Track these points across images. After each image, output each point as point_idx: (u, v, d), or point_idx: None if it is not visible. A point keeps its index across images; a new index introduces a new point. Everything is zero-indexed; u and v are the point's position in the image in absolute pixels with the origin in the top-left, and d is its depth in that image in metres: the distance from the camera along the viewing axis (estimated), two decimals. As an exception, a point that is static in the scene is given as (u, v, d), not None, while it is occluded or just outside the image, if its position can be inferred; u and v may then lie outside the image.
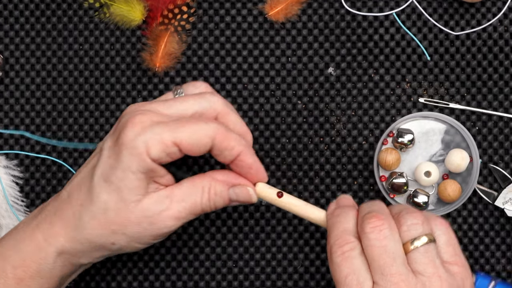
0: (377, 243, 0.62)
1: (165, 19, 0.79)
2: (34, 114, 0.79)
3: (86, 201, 0.67)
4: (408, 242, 0.63)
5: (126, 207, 0.66)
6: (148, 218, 0.66)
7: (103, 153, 0.67)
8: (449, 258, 0.65)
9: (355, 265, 0.62)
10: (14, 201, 0.79)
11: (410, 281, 0.61)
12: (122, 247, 0.68)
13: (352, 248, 0.63)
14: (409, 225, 0.64)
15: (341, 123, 0.79)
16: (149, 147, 0.65)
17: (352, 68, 0.79)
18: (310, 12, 0.80)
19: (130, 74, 0.80)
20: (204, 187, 0.68)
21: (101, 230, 0.67)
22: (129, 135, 0.65)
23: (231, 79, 0.79)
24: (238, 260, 0.79)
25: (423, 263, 0.63)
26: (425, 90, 0.79)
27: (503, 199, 0.77)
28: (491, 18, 0.79)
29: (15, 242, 0.68)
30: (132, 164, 0.65)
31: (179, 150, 0.66)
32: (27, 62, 0.80)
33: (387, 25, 0.79)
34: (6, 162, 0.79)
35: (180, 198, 0.67)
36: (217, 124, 0.67)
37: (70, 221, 0.67)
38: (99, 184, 0.66)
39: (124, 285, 0.79)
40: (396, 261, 0.62)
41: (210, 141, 0.66)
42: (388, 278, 0.61)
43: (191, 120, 0.66)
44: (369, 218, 0.64)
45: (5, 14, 0.80)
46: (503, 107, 0.79)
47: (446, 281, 0.62)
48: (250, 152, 0.68)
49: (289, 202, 0.70)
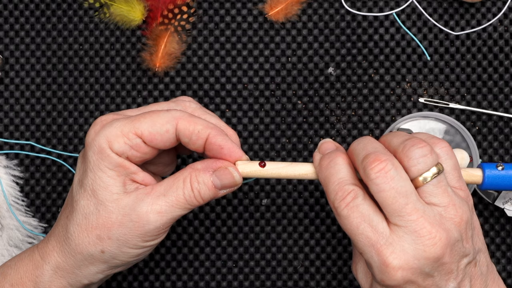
0: (386, 186, 0.60)
1: (165, 19, 0.79)
2: (34, 114, 0.79)
3: (71, 212, 0.66)
4: (418, 176, 0.61)
5: (105, 208, 0.64)
6: (129, 216, 0.64)
7: (78, 162, 0.67)
8: (456, 183, 0.64)
9: (363, 212, 0.61)
10: (14, 201, 0.79)
11: (429, 215, 0.60)
12: (114, 255, 0.66)
13: (354, 196, 0.61)
14: (418, 158, 0.61)
15: (341, 123, 0.79)
16: (110, 141, 0.63)
17: (352, 68, 0.79)
18: (310, 12, 0.80)
19: (130, 74, 0.80)
20: (185, 178, 0.65)
21: (86, 237, 0.65)
22: (90, 134, 0.64)
23: (231, 79, 0.79)
24: (238, 260, 0.79)
25: (437, 194, 0.61)
26: (425, 90, 0.79)
27: (503, 199, 0.77)
28: (491, 18, 0.79)
29: (15, 262, 0.68)
30: (99, 163, 0.64)
31: (142, 142, 0.64)
32: (27, 62, 0.80)
33: (387, 25, 0.79)
34: (6, 162, 0.79)
35: (161, 193, 0.65)
36: (180, 111, 0.64)
37: (61, 234, 0.67)
38: (77, 191, 0.65)
39: (124, 285, 0.79)
40: (410, 199, 0.60)
41: (173, 128, 0.64)
42: (407, 218, 0.60)
43: (152, 112, 0.65)
44: (371, 163, 0.61)
45: (5, 14, 0.80)
46: (503, 107, 0.79)
47: (460, 208, 0.61)
48: (219, 133, 0.65)
49: (273, 168, 0.67)
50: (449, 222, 0.61)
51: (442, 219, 0.60)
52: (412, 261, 0.59)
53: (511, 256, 0.79)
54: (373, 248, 0.60)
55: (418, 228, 0.59)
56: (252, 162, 0.66)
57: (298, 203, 0.79)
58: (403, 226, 0.60)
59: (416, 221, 0.60)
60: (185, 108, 0.67)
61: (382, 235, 0.60)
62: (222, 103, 0.79)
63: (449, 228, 0.60)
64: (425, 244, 0.59)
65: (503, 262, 0.79)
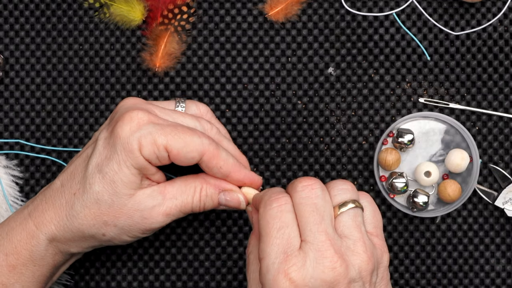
0: (308, 200, 0.62)
1: (165, 19, 0.79)
2: (34, 114, 0.79)
3: (80, 191, 0.68)
4: (337, 206, 0.64)
5: (119, 200, 0.67)
6: (140, 212, 0.68)
7: (98, 143, 0.68)
8: (372, 229, 0.66)
9: (289, 219, 0.62)
10: (14, 201, 0.79)
11: (336, 242, 0.61)
12: (112, 238, 0.69)
13: (286, 202, 0.63)
14: (339, 189, 0.64)
15: (341, 123, 0.79)
16: (142, 146, 0.66)
17: (352, 68, 0.79)
18: (310, 12, 0.80)
19: (130, 74, 0.80)
20: (196, 187, 0.69)
21: (93, 220, 0.68)
22: (125, 129, 0.66)
23: (231, 79, 0.79)
24: (238, 260, 0.79)
25: (350, 226, 0.63)
26: (425, 90, 0.79)
27: (503, 199, 0.77)
28: (491, 18, 0.79)
29: (7, 231, 0.69)
30: (126, 159, 0.66)
31: (168, 156, 0.67)
32: (27, 62, 0.80)
33: (387, 25, 0.79)
34: (6, 162, 0.79)
35: (173, 195, 0.69)
36: (209, 140, 0.68)
37: (63, 209, 0.68)
38: (93, 174, 0.67)
39: (124, 285, 0.79)
40: (325, 220, 0.62)
41: (198, 157, 0.68)
42: (316, 235, 0.61)
43: (186, 130, 0.68)
44: (301, 179, 0.64)
45: (5, 14, 0.80)
46: (503, 107, 0.79)
47: (370, 249, 0.63)
48: (238, 170, 0.70)
49: None
50: (354, 257, 0.62)
51: (348, 251, 0.62)
52: (308, 279, 0.60)
53: (511, 256, 0.79)
54: (283, 254, 0.61)
55: (323, 249, 0.61)
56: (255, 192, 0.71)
57: (298, 203, 0.79)
58: (310, 243, 0.61)
59: (323, 242, 0.61)
60: (206, 131, 0.71)
61: (294, 246, 0.61)
62: (222, 103, 0.79)
63: (352, 263, 0.61)
64: (325, 266, 0.60)
65: (503, 262, 0.79)
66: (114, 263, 0.78)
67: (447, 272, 0.79)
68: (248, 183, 0.71)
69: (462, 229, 0.79)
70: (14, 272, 0.69)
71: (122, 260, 0.79)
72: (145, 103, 0.70)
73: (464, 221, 0.79)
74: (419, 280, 0.79)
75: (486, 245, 0.79)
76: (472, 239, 0.79)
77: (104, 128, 0.70)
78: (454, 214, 0.79)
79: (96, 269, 0.78)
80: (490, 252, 0.78)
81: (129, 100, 0.70)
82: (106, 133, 0.68)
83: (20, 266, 0.69)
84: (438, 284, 0.79)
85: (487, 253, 0.78)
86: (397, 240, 0.79)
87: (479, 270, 0.78)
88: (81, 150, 0.71)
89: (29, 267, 0.69)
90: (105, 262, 0.78)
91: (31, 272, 0.69)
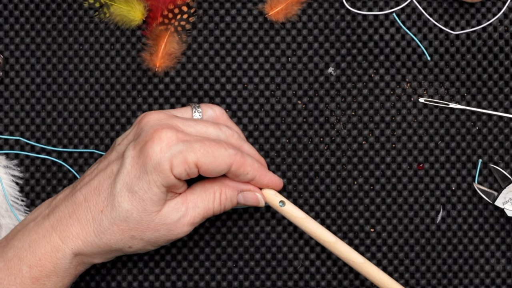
0: None
1: (165, 19, 0.79)
2: (34, 114, 0.79)
3: (107, 208, 0.69)
4: None
5: (147, 217, 0.69)
6: (167, 225, 0.70)
7: (126, 161, 0.69)
8: None
9: None
10: (14, 201, 0.79)
11: None
12: (138, 250, 0.72)
13: None
14: None
15: (341, 123, 0.79)
16: (173, 165, 0.68)
17: (352, 68, 0.79)
18: (310, 12, 0.80)
19: (130, 74, 0.80)
20: (216, 192, 0.72)
21: (121, 235, 0.70)
22: (155, 150, 0.68)
23: (231, 79, 0.79)
24: (238, 260, 0.79)
25: None
26: (425, 90, 0.79)
27: (503, 199, 0.77)
28: (491, 18, 0.79)
29: (29, 243, 0.70)
30: (157, 179, 0.68)
31: (197, 171, 0.70)
32: (27, 62, 0.80)
33: (387, 25, 0.79)
34: (6, 162, 0.79)
35: (195, 204, 0.71)
36: (234, 150, 0.71)
37: (90, 225, 0.70)
38: (121, 193, 0.69)
39: (124, 285, 0.79)
40: None
41: (227, 168, 0.71)
42: None
43: (213, 144, 0.70)
44: None
45: (5, 14, 0.80)
46: (503, 107, 0.79)
47: None
48: (263, 173, 0.73)
49: (291, 210, 0.74)
50: None
51: None
52: None
53: (511, 256, 0.79)
54: None
55: None
56: (277, 195, 0.74)
57: (298, 203, 0.79)
58: None
59: None
60: (228, 138, 0.73)
61: None
62: (222, 103, 0.79)
63: None
64: None
65: (503, 262, 0.79)
66: (115, 263, 0.78)
67: (447, 272, 0.79)
68: (272, 185, 0.73)
69: (462, 229, 0.79)
70: (37, 284, 0.69)
71: (122, 260, 0.79)
72: (168, 117, 0.71)
73: (464, 221, 0.79)
74: (419, 280, 0.79)
75: (486, 245, 0.79)
76: (472, 239, 0.79)
77: (130, 145, 0.70)
78: (454, 214, 0.79)
79: (96, 269, 0.78)
80: (490, 252, 0.78)
81: (152, 116, 0.71)
82: (134, 152, 0.69)
83: (44, 278, 0.70)
84: (438, 284, 0.79)
85: (487, 253, 0.78)
86: (397, 240, 0.79)
87: (479, 270, 0.78)
88: (102, 162, 0.72)
89: (52, 279, 0.70)
90: (105, 262, 0.78)
91: (53, 283, 0.70)
